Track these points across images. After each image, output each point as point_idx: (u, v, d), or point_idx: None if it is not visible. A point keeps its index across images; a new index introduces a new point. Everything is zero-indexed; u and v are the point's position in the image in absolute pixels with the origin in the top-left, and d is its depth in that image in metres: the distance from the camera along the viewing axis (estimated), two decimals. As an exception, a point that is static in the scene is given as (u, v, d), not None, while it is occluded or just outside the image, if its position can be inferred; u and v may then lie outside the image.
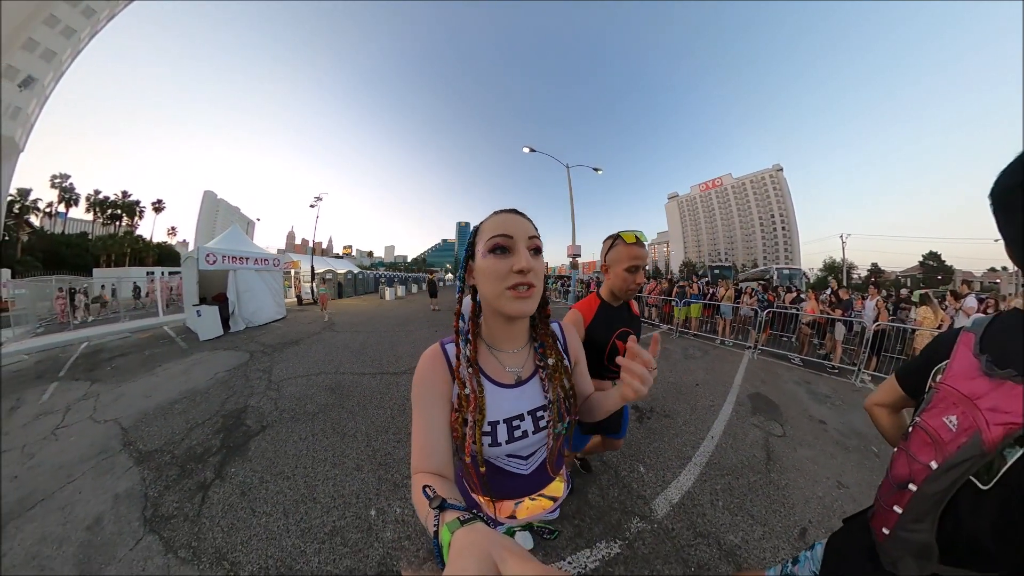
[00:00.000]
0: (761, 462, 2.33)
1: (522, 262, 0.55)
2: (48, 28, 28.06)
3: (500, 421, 0.62)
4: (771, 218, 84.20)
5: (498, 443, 0.61)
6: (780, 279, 15.75)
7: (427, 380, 0.61)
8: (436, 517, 0.39)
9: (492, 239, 0.57)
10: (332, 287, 15.14)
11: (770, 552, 1.58)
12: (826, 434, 2.87)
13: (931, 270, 50.47)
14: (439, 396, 0.60)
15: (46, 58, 27.90)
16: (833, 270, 45.90)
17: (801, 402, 3.54)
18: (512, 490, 0.69)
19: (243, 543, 1.60)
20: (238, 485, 2.03)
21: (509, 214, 0.61)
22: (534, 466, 0.68)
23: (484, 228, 0.60)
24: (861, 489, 2.13)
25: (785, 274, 17.05)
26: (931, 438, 0.59)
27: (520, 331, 0.68)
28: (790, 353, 5.35)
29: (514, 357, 0.67)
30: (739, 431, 2.79)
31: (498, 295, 0.57)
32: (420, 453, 0.56)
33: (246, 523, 1.73)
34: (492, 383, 0.63)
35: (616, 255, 1.22)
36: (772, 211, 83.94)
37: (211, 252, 6.85)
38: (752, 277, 17.65)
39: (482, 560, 0.29)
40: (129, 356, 5.21)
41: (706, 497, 1.93)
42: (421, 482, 0.49)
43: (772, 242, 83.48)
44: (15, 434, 2.82)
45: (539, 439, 0.66)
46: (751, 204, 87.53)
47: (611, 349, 1.27)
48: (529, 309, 0.57)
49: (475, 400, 0.59)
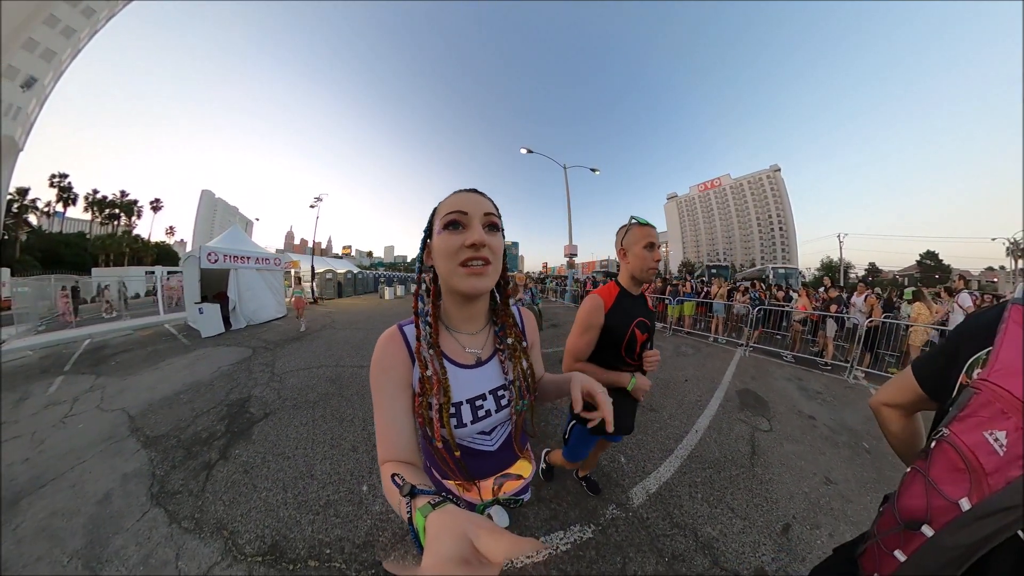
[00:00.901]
0: (745, 456, 2.36)
1: (474, 236, 0.54)
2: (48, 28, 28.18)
3: (463, 402, 0.62)
4: (768, 218, 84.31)
5: (464, 424, 0.61)
6: (776, 278, 15.84)
7: (386, 365, 0.60)
8: (408, 504, 0.40)
9: (447, 215, 0.56)
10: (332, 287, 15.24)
11: (750, 547, 1.57)
12: (815, 430, 2.87)
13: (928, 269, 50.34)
14: (399, 381, 0.59)
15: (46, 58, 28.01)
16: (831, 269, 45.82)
17: (790, 398, 3.56)
18: (482, 468, 0.70)
19: (243, 515, 1.72)
20: (241, 464, 2.15)
21: (467, 192, 0.60)
22: (499, 442, 0.69)
23: (441, 206, 0.59)
24: (850, 486, 2.11)
25: (781, 273, 17.12)
26: (965, 462, 0.41)
27: (479, 312, 0.68)
28: (783, 351, 5.39)
29: (473, 339, 0.67)
30: (724, 425, 2.84)
31: (451, 272, 0.56)
32: (386, 442, 0.56)
33: (247, 497, 1.85)
34: (453, 364, 0.63)
35: (633, 237, 1.23)
36: (770, 211, 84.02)
37: (213, 251, 6.97)
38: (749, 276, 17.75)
39: (458, 539, 0.30)
40: (132, 352, 5.30)
41: (685, 489, 1.97)
42: (390, 471, 0.49)
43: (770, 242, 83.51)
44: (24, 422, 2.91)
45: (501, 417, 0.66)
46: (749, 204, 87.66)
47: (629, 340, 1.22)
48: (483, 286, 0.56)
49: (438, 382, 0.58)
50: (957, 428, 0.43)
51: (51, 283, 9.14)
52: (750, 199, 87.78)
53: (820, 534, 1.69)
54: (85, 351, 5.46)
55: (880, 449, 2.59)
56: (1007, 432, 0.38)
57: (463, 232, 0.55)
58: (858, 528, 1.60)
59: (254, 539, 1.59)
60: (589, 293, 1.25)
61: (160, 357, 4.89)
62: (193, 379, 3.85)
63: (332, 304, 12.23)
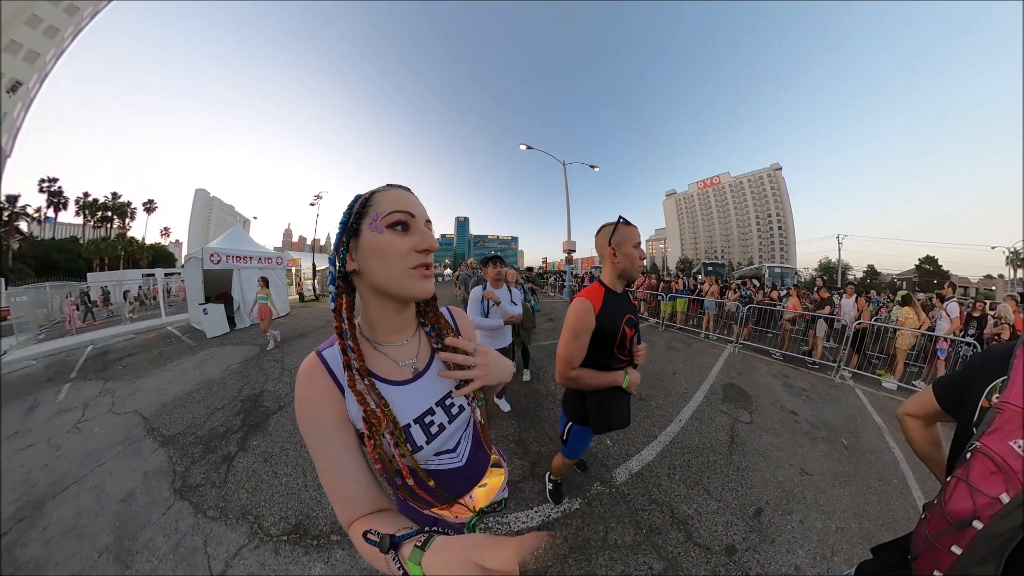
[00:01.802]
0: (724, 445, 2.52)
1: (429, 240, 0.52)
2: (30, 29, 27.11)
3: (411, 423, 0.55)
4: (768, 217, 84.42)
5: (419, 447, 0.55)
6: (772, 277, 16.06)
7: (312, 405, 0.51)
8: (395, 558, 0.37)
9: (392, 214, 0.51)
10: None
11: (722, 526, 1.73)
12: (796, 424, 2.97)
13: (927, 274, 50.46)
14: (333, 421, 0.51)
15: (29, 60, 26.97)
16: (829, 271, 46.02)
17: (774, 393, 3.69)
18: (456, 487, 0.64)
19: (266, 500, 1.87)
20: (261, 454, 2.31)
21: (404, 191, 0.55)
22: (465, 454, 0.65)
23: (377, 201, 0.52)
24: (825, 478, 2.23)
25: (777, 273, 17.37)
26: (998, 466, 0.53)
27: (408, 319, 0.61)
28: (772, 348, 5.51)
29: (403, 349, 0.60)
30: (707, 416, 3.00)
31: (401, 275, 0.51)
32: (342, 502, 0.49)
33: (269, 484, 2.00)
34: (388, 384, 0.56)
35: (622, 236, 1.22)
36: (769, 210, 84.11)
37: (215, 252, 7.04)
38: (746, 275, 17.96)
39: (465, 568, 0.29)
40: (137, 356, 5.35)
41: (664, 471, 2.15)
42: (359, 531, 0.44)
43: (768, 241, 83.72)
44: (37, 430, 2.97)
45: (457, 426, 0.61)
46: (748, 203, 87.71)
47: (621, 337, 1.24)
48: (432, 289, 0.55)
49: (384, 414, 0.52)
50: (988, 440, 0.55)
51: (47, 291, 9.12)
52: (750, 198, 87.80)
53: (791, 520, 1.82)
54: (89, 357, 5.50)
55: (858, 446, 2.70)
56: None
57: (411, 234, 0.52)
58: (830, 517, 1.91)
59: (279, 521, 1.74)
60: (575, 297, 1.25)
61: (167, 359, 4.96)
62: (203, 378, 3.95)
63: None
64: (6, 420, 3.20)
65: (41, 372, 4.83)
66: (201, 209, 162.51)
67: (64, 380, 4.36)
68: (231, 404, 3.18)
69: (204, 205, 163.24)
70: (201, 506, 1.87)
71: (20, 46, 26.76)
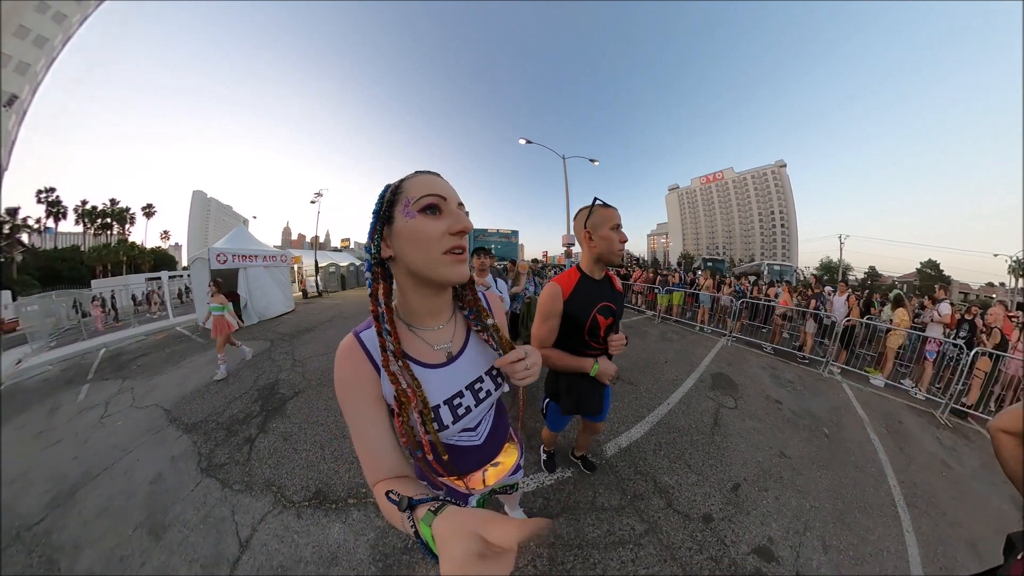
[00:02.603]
0: (708, 426, 2.68)
1: (462, 222, 0.52)
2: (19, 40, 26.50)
3: (441, 404, 0.59)
4: (771, 214, 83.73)
5: (445, 426, 0.59)
6: (771, 274, 16.15)
7: (351, 382, 0.56)
8: (410, 517, 0.40)
9: (425, 198, 0.52)
10: (336, 279, 15.54)
11: (701, 497, 1.89)
12: (779, 412, 3.08)
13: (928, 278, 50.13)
14: (368, 396, 0.56)
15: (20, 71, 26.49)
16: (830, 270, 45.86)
17: (761, 384, 3.80)
18: (471, 463, 0.69)
19: (288, 473, 2.07)
20: (280, 435, 2.51)
21: (434, 176, 0.56)
22: (484, 434, 0.69)
23: (407, 187, 0.54)
24: (803, 462, 2.35)
25: (776, 270, 17.45)
26: None
27: (445, 303, 0.63)
28: (764, 342, 5.64)
29: (439, 333, 0.63)
30: (694, 401, 3.17)
31: (433, 260, 0.52)
32: (370, 465, 0.54)
33: (290, 459, 2.21)
34: (423, 366, 0.59)
35: (598, 218, 1.16)
36: (772, 207, 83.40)
37: (221, 252, 7.22)
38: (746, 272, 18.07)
39: (469, 538, 0.31)
40: (151, 355, 5.47)
41: (650, 447, 2.34)
42: (382, 490, 0.48)
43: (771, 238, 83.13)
44: (62, 428, 3.10)
45: (482, 409, 0.65)
46: (751, 199, 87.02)
47: (591, 325, 1.20)
48: (467, 273, 0.56)
49: (414, 395, 0.55)
50: None
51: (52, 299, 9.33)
52: (753, 194, 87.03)
53: (767, 496, 1.97)
54: (104, 359, 5.62)
55: (839, 436, 2.78)
56: None
57: (443, 217, 0.52)
58: (804, 496, 2.03)
59: (300, 489, 1.94)
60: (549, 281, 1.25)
61: (180, 357, 5.11)
62: None
63: (338, 296, 12.54)
64: (29, 422, 3.33)
65: (58, 376, 4.92)
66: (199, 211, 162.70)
67: (82, 381, 4.49)
68: (248, 393, 3.37)
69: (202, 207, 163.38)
70: (227, 481, 2.06)
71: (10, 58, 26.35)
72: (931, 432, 3.07)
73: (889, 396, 3.78)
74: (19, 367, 5.16)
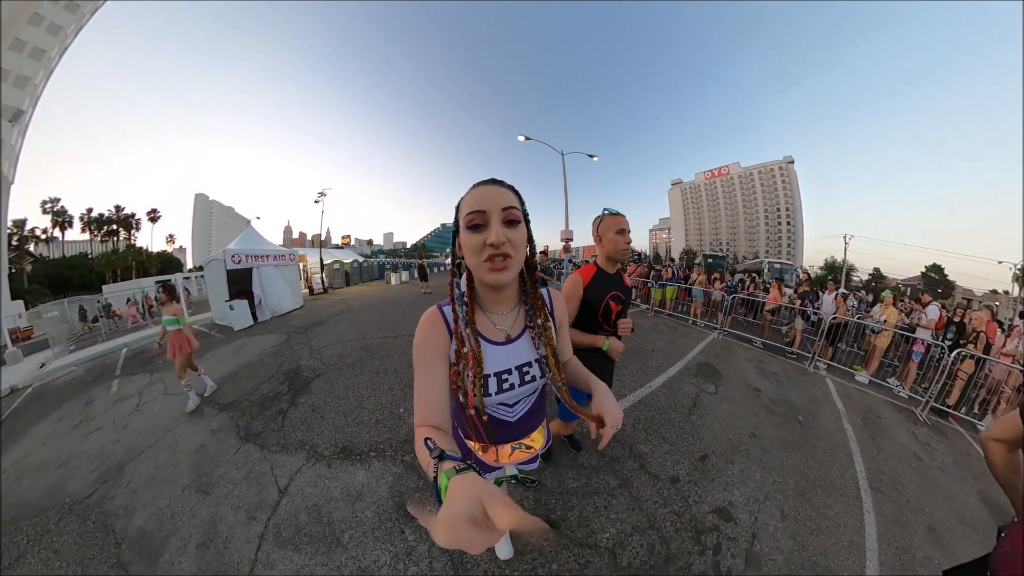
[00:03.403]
0: (686, 408, 2.92)
1: (492, 236, 0.60)
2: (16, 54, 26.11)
3: (491, 374, 0.70)
4: (776, 211, 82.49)
5: (488, 394, 0.70)
6: (771, 272, 16.23)
7: (427, 340, 0.68)
8: (435, 466, 0.44)
9: (468, 216, 0.62)
10: (341, 276, 15.92)
11: (671, 463, 2.12)
12: (757, 399, 3.20)
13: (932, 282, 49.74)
14: (438, 355, 0.67)
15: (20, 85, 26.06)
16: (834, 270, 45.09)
17: (745, 374, 3.92)
18: (500, 435, 0.80)
19: (318, 435, 2.46)
20: (309, 407, 2.91)
21: (485, 187, 0.65)
22: (519, 415, 0.80)
23: (463, 204, 0.65)
24: (772, 443, 2.51)
25: (776, 268, 17.48)
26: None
27: (508, 295, 0.75)
28: (755, 337, 5.68)
29: (504, 318, 0.75)
30: (676, 385, 3.40)
31: (477, 267, 0.63)
32: (422, 409, 0.63)
33: (319, 424, 2.62)
34: (485, 341, 0.71)
35: (606, 225, 1.46)
36: (779, 204, 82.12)
37: (235, 253, 7.58)
38: (747, 269, 18.16)
39: (473, 502, 0.34)
40: None
41: (629, 421, 2.62)
42: (423, 435, 0.54)
43: (776, 236, 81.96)
44: (100, 417, 3.28)
45: (524, 391, 0.76)
46: (757, 195, 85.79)
47: (604, 309, 1.47)
48: (504, 279, 0.63)
49: (473, 356, 0.66)
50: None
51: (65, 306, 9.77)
52: (759, 190, 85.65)
53: (733, 468, 2.16)
54: (127, 357, 5.75)
55: (813, 424, 2.88)
56: None
57: (484, 231, 0.61)
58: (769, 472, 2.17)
59: (329, 447, 2.32)
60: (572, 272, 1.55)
61: (203, 351, 5.02)
62: (243, 361, 4.45)
63: (343, 292, 12.83)
64: (66, 416, 3.48)
65: (85, 375, 5.05)
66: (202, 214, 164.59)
67: (111, 377, 4.66)
68: (275, 376, 3.72)
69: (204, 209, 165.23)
70: (265, 445, 2.41)
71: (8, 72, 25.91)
72: (908, 427, 3.13)
73: (872, 392, 3.87)
74: (44, 370, 5.22)
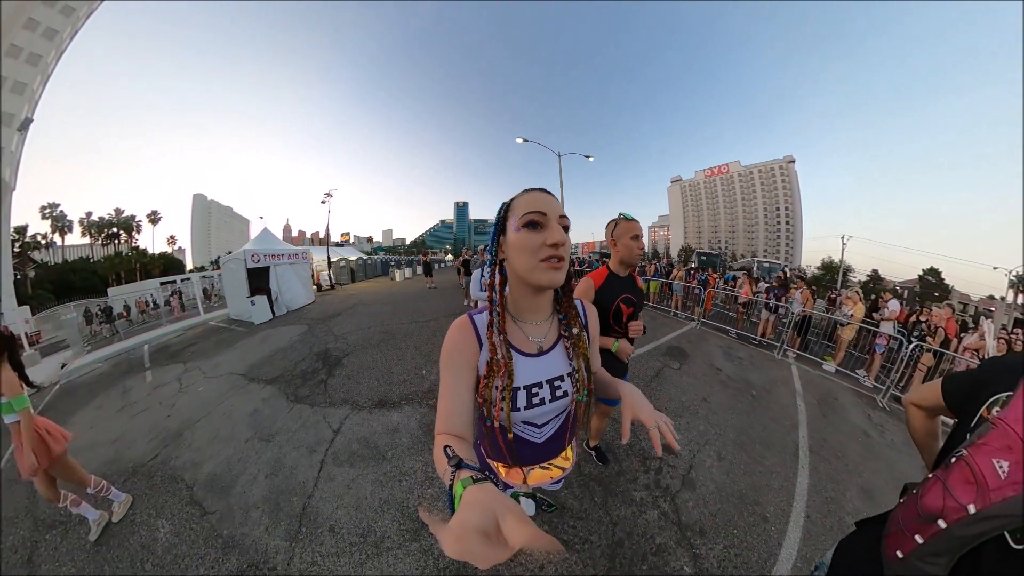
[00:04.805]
0: (648, 378, 3.44)
1: (556, 236, 0.60)
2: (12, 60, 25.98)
3: (520, 387, 0.67)
4: (776, 210, 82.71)
5: (516, 408, 0.67)
6: (760, 271, 16.96)
7: (456, 348, 0.67)
8: (452, 473, 0.44)
9: (527, 215, 0.61)
10: (347, 273, 16.43)
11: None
12: (716, 376, 3.52)
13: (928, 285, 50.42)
14: (466, 363, 0.66)
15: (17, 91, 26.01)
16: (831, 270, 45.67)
17: (711, 356, 4.27)
18: (525, 456, 0.75)
19: (357, 394, 3.12)
20: (344, 376, 3.59)
21: (541, 193, 0.65)
22: (547, 435, 0.74)
23: (517, 205, 0.64)
24: (721, 407, 2.78)
25: (765, 267, 18.43)
26: (975, 478, 0.55)
27: (545, 303, 0.73)
28: (731, 328, 6.02)
29: (537, 328, 0.72)
30: (643, 362, 3.92)
31: (532, 267, 0.61)
32: (444, 416, 0.61)
33: (356, 387, 3.30)
34: (516, 351, 0.68)
35: (621, 230, 1.48)
36: (778, 203, 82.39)
37: (255, 252, 8.17)
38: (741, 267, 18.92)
39: (486, 514, 0.33)
40: (199, 344, 5.70)
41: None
42: (443, 442, 0.54)
43: (775, 235, 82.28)
44: (143, 401, 3.45)
45: (554, 408, 0.71)
46: (757, 194, 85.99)
47: (615, 311, 1.48)
48: (560, 280, 0.63)
49: (504, 366, 0.64)
50: (973, 451, 0.57)
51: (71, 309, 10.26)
52: (759, 189, 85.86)
53: (679, 421, 2.55)
54: (152, 352, 5.75)
55: (765, 398, 3.09)
56: (1010, 463, 0.52)
57: (543, 231, 0.61)
58: (712, 427, 2.41)
59: (367, 401, 2.99)
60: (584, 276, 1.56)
61: (230, 342, 5.52)
62: (274, 348, 4.92)
63: (351, 288, 13.28)
64: (105, 404, 3.61)
65: (111, 370, 5.03)
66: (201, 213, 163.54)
67: (141, 369, 4.70)
68: (309, 357, 4.33)
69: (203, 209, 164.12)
70: (314, 403, 3.05)
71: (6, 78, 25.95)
72: (864, 410, 3.26)
73: (837, 380, 4.04)
74: (65, 370, 5.24)
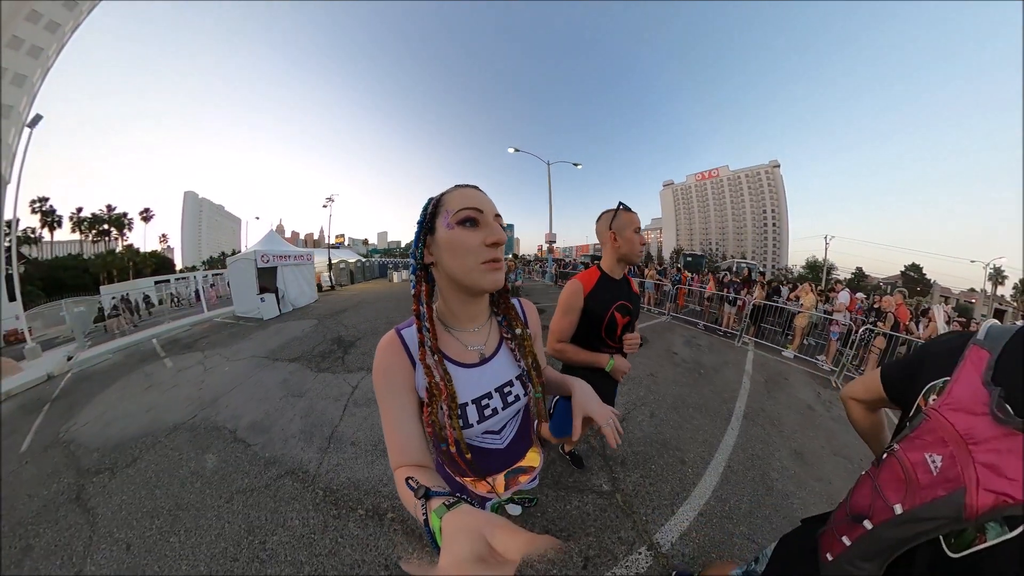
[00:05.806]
0: None
1: (496, 234, 0.56)
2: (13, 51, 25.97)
3: (468, 402, 0.62)
4: (763, 213, 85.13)
5: (469, 424, 0.62)
6: (738, 271, 18.12)
7: (388, 372, 0.60)
8: (423, 506, 0.41)
9: (462, 211, 0.56)
10: (347, 274, 16.85)
11: None
12: (669, 359, 3.78)
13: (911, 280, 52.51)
14: (402, 387, 0.60)
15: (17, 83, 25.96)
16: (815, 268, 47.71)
17: (671, 343, 4.61)
18: (492, 465, 0.72)
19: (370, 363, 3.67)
20: (359, 353, 4.22)
21: (474, 190, 0.60)
22: (508, 439, 0.71)
23: (448, 200, 0.58)
24: (667, 382, 2.95)
25: (743, 267, 19.62)
26: (905, 475, 0.50)
27: (482, 308, 0.68)
28: (699, 320, 6.49)
29: (475, 336, 0.67)
30: None
31: (470, 269, 0.56)
32: (396, 449, 0.58)
33: (369, 360, 3.82)
34: (456, 365, 0.63)
35: (622, 221, 1.25)
36: (765, 206, 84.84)
37: (264, 253, 8.75)
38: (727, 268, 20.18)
39: (474, 538, 0.31)
40: (212, 336, 5.88)
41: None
42: (403, 476, 0.50)
43: (762, 236, 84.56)
44: (170, 380, 3.75)
45: (508, 413, 0.67)
46: (745, 198, 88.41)
47: (609, 322, 1.25)
48: (501, 282, 0.58)
49: (445, 388, 0.58)
50: (905, 446, 0.51)
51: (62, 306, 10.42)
52: (746, 192, 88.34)
53: (621, 388, 2.68)
54: (164, 343, 5.83)
55: (711, 376, 3.23)
56: (943, 457, 0.46)
57: (480, 229, 0.56)
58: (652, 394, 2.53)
59: None
60: (571, 278, 1.34)
61: (243, 335, 5.79)
62: (289, 337, 5.44)
63: (351, 289, 13.77)
64: (130, 385, 3.82)
65: (124, 361, 5.07)
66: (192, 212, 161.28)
67: (157, 359, 4.79)
68: (325, 341, 4.98)
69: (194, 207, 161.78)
70: (335, 371, 3.72)
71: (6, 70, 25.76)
72: (815, 389, 3.30)
73: (794, 365, 4.15)
74: (72, 362, 5.31)
